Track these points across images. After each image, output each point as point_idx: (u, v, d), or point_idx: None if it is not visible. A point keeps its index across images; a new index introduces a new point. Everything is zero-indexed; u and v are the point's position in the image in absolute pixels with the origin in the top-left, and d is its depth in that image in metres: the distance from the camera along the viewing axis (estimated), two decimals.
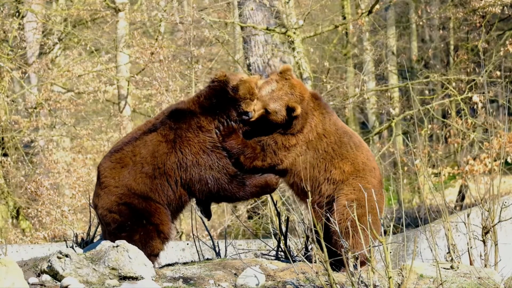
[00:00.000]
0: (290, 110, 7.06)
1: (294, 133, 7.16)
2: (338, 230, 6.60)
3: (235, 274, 6.88)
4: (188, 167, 7.01)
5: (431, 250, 7.27)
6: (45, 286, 6.42)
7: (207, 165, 7.01)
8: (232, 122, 7.12)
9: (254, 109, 7.10)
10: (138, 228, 6.94)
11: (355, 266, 6.50)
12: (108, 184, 7.05)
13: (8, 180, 20.19)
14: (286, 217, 8.49)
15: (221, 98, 7.11)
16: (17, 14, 20.95)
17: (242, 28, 19.31)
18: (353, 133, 7.38)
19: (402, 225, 6.84)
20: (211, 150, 7.05)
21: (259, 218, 19.50)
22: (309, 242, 7.90)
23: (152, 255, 6.96)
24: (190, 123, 7.09)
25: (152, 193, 7.02)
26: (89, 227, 8.48)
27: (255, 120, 7.16)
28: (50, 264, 6.50)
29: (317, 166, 7.16)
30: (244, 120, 7.12)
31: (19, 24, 20.90)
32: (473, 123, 19.11)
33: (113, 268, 6.48)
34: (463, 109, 19.07)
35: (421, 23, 23.86)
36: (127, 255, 6.51)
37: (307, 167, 7.13)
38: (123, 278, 6.47)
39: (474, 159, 19.29)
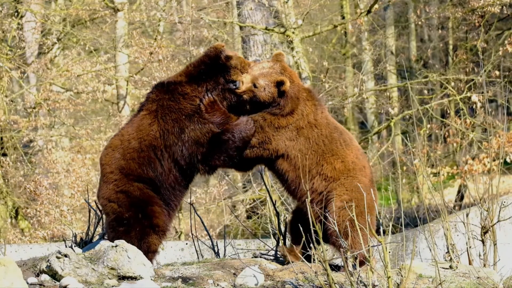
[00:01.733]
0: (279, 84, 7.08)
1: (283, 115, 7.15)
2: (337, 230, 6.60)
3: (234, 274, 6.87)
4: (170, 133, 7.00)
5: (430, 249, 7.28)
6: (44, 286, 6.42)
7: (189, 129, 7.00)
8: (215, 93, 7.08)
9: (243, 81, 7.12)
10: (135, 224, 6.93)
11: (353, 266, 6.50)
12: (105, 172, 7.10)
13: (7, 180, 20.18)
14: (285, 217, 8.49)
15: (211, 64, 7.11)
16: (16, 14, 20.94)
17: (241, 27, 19.31)
18: (343, 130, 7.35)
19: (401, 225, 6.84)
20: (192, 115, 7.02)
21: (258, 218, 19.50)
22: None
23: (150, 252, 6.93)
24: (173, 92, 7.09)
25: (140, 169, 7.00)
26: (88, 227, 8.48)
27: (244, 97, 7.14)
28: (49, 264, 6.50)
29: (309, 158, 7.14)
30: (230, 89, 7.10)
31: (18, 24, 20.89)
32: (472, 122, 19.11)
33: (112, 268, 6.48)
34: (462, 109, 19.07)
35: (420, 22, 23.83)
36: (126, 255, 6.51)
37: (301, 156, 7.10)
38: (122, 277, 6.47)
39: (473, 158, 19.30)
